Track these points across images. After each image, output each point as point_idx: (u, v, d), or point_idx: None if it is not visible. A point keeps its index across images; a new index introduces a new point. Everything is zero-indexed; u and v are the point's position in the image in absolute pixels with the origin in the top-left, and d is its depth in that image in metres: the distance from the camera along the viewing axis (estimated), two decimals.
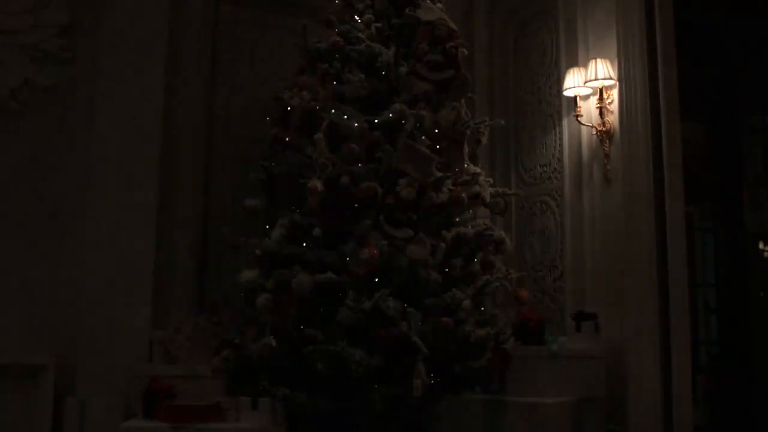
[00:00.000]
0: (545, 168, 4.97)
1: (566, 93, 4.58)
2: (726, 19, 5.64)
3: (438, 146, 3.59)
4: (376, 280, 3.22)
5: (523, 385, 3.93)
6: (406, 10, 3.76)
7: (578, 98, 4.50)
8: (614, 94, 4.36)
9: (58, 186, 4.54)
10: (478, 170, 3.85)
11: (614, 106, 4.35)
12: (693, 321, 5.00)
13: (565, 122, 4.74)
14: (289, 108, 3.63)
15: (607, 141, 4.36)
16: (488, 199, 3.80)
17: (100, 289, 4.33)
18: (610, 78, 4.31)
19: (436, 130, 3.62)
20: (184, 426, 3.55)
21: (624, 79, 4.30)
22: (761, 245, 5.96)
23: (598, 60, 4.34)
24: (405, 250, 3.26)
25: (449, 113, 3.66)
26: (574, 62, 4.61)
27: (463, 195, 3.52)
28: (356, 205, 3.39)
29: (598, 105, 4.38)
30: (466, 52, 3.82)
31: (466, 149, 3.78)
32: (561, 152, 4.78)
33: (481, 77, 5.32)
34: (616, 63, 4.34)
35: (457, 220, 3.65)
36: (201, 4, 4.97)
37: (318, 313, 3.29)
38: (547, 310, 4.74)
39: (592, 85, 4.39)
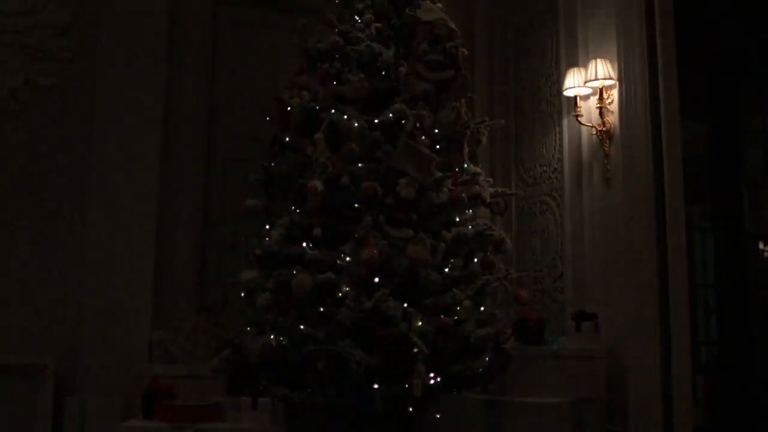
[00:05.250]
0: (545, 168, 4.97)
1: (566, 93, 4.57)
2: (726, 19, 5.63)
3: (438, 146, 3.59)
4: (376, 280, 3.22)
5: (523, 385, 3.94)
6: (406, 10, 3.76)
7: (578, 98, 4.50)
8: (614, 94, 4.35)
9: (58, 186, 4.55)
10: (478, 170, 3.85)
11: (614, 106, 4.35)
12: (693, 321, 5.00)
13: (565, 122, 4.73)
14: (289, 108, 3.63)
15: (607, 141, 4.36)
16: (488, 199, 3.80)
17: (100, 289, 4.35)
18: (610, 78, 4.31)
19: (436, 130, 3.62)
20: (184, 426, 3.55)
21: (624, 79, 4.29)
22: (761, 245, 5.96)
23: (598, 60, 4.34)
24: (405, 250, 3.26)
25: (449, 113, 3.66)
26: (574, 62, 4.60)
27: (463, 195, 3.52)
28: (356, 205, 3.40)
29: (598, 105, 4.38)
30: (466, 52, 3.81)
31: (466, 149, 3.78)
32: (561, 152, 4.78)
33: (481, 77, 5.33)
34: (616, 63, 4.34)
35: (457, 220, 3.65)
36: (201, 4, 4.98)
37: (318, 313, 3.29)
38: (547, 310, 4.74)
39: (592, 85, 4.39)
